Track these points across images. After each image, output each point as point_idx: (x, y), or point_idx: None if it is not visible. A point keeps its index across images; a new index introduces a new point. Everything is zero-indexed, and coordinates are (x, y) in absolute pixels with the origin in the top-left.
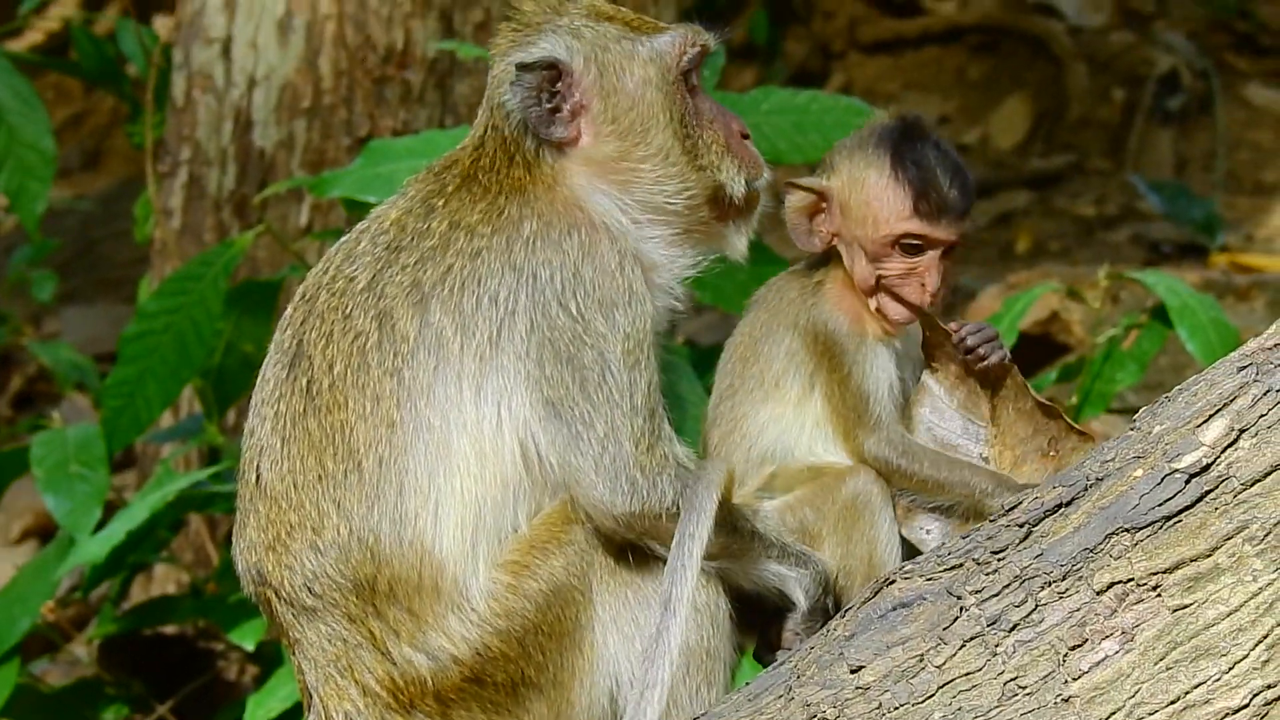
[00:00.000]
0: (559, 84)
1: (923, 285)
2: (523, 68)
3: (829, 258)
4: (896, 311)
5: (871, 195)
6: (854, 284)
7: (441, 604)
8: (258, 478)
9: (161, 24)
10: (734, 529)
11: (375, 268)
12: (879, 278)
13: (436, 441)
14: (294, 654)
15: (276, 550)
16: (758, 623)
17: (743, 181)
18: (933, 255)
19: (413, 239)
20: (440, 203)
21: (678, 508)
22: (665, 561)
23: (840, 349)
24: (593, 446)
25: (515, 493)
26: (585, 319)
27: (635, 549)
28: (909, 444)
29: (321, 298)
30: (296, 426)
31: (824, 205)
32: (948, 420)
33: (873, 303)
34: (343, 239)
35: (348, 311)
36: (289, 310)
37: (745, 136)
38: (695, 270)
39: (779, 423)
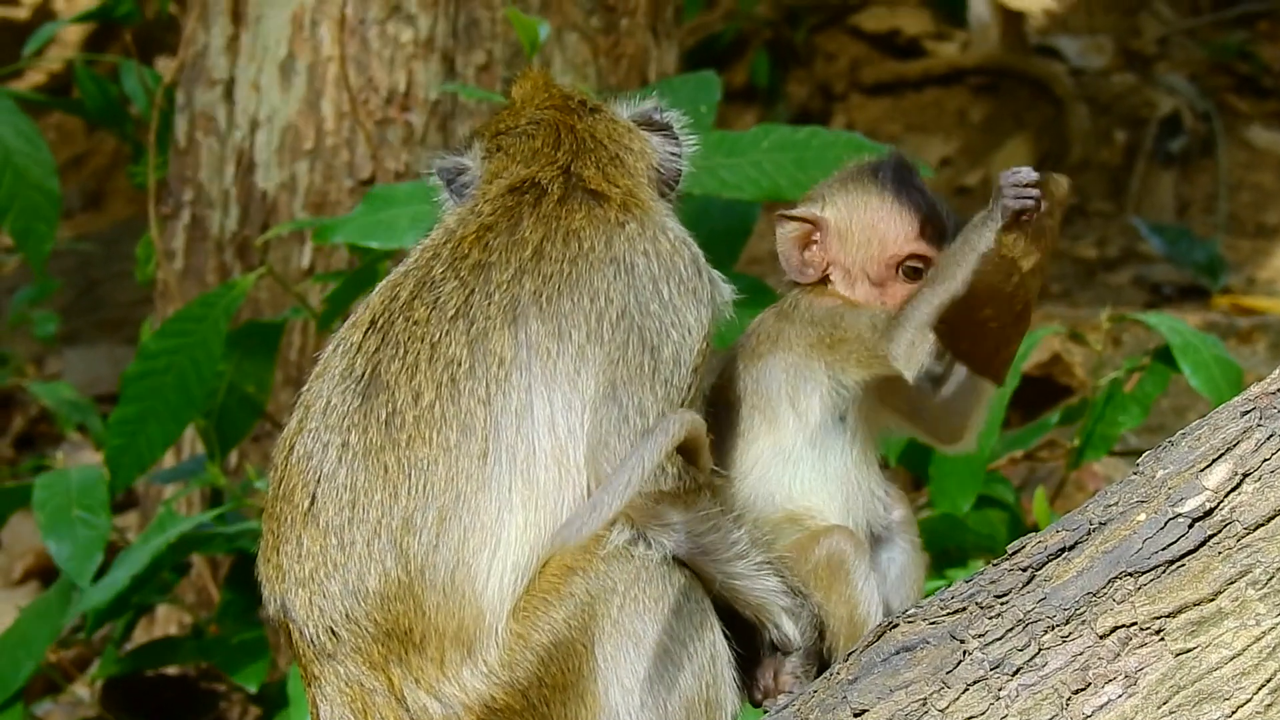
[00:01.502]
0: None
1: None
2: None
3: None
4: None
5: (877, 219)
6: (829, 296)
7: (462, 651)
8: (311, 503)
9: (164, 65)
10: (739, 522)
11: (463, 293)
12: (881, 305)
13: (519, 470)
14: (309, 686)
15: (309, 587)
16: (752, 667)
17: None
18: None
19: (501, 254)
20: (527, 212)
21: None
22: (674, 595)
23: (838, 314)
24: (635, 432)
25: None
26: (676, 306)
27: (637, 599)
28: (906, 315)
29: (398, 326)
30: (370, 459)
31: (816, 236)
32: None
33: None
34: (403, 266)
35: (435, 340)
36: (352, 335)
37: None
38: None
39: (759, 465)
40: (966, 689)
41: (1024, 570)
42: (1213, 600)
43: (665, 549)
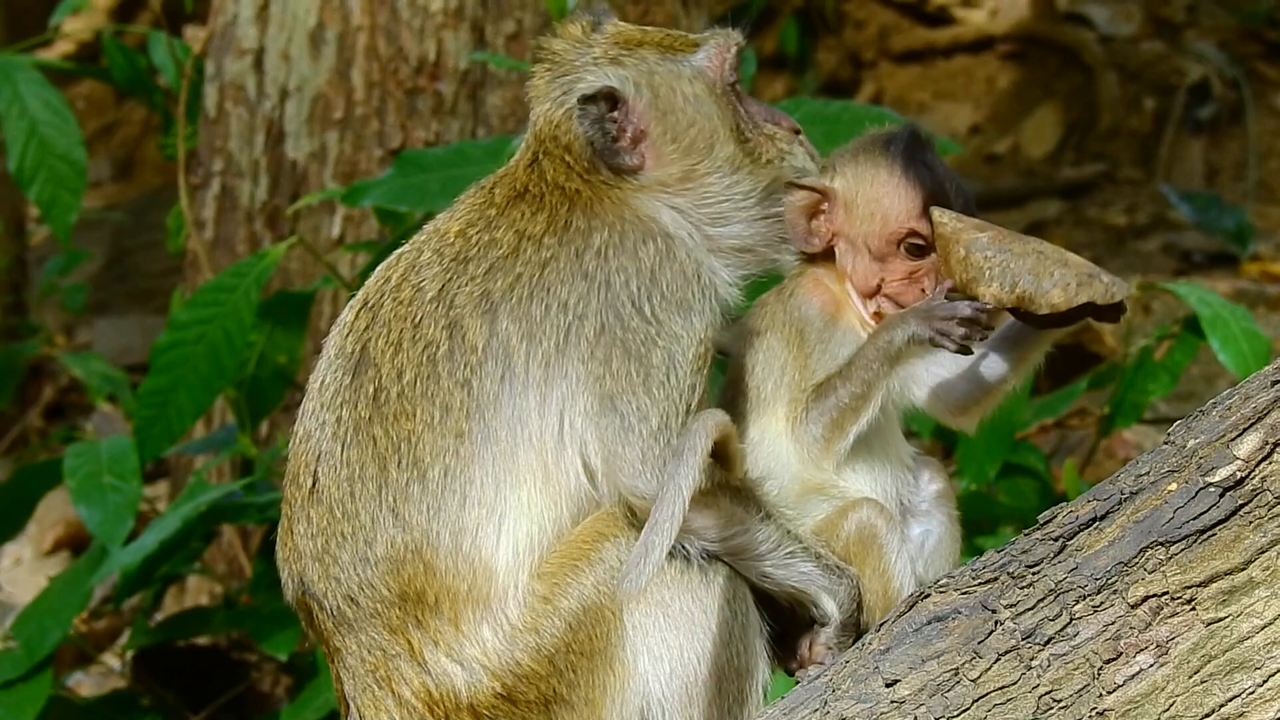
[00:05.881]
0: (616, 112)
1: (923, 290)
2: (586, 100)
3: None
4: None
5: (882, 192)
6: (836, 278)
7: (479, 613)
8: (314, 483)
9: (193, 35)
10: (766, 515)
11: (444, 278)
12: (881, 280)
13: (503, 453)
14: (332, 662)
15: (323, 561)
16: (790, 636)
17: (814, 165)
18: (934, 259)
19: (479, 249)
20: (494, 213)
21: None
22: (695, 568)
23: (809, 329)
24: (642, 438)
25: (576, 507)
26: (660, 320)
27: (665, 569)
28: (826, 378)
29: (387, 306)
30: (360, 432)
31: (824, 206)
32: None
33: (871, 305)
34: (401, 250)
35: (417, 320)
36: (347, 316)
37: (798, 131)
38: (750, 279)
39: (766, 437)
40: (998, 659)
41: (1055, 540)
42: (1244, 569)
43: (690, 554)
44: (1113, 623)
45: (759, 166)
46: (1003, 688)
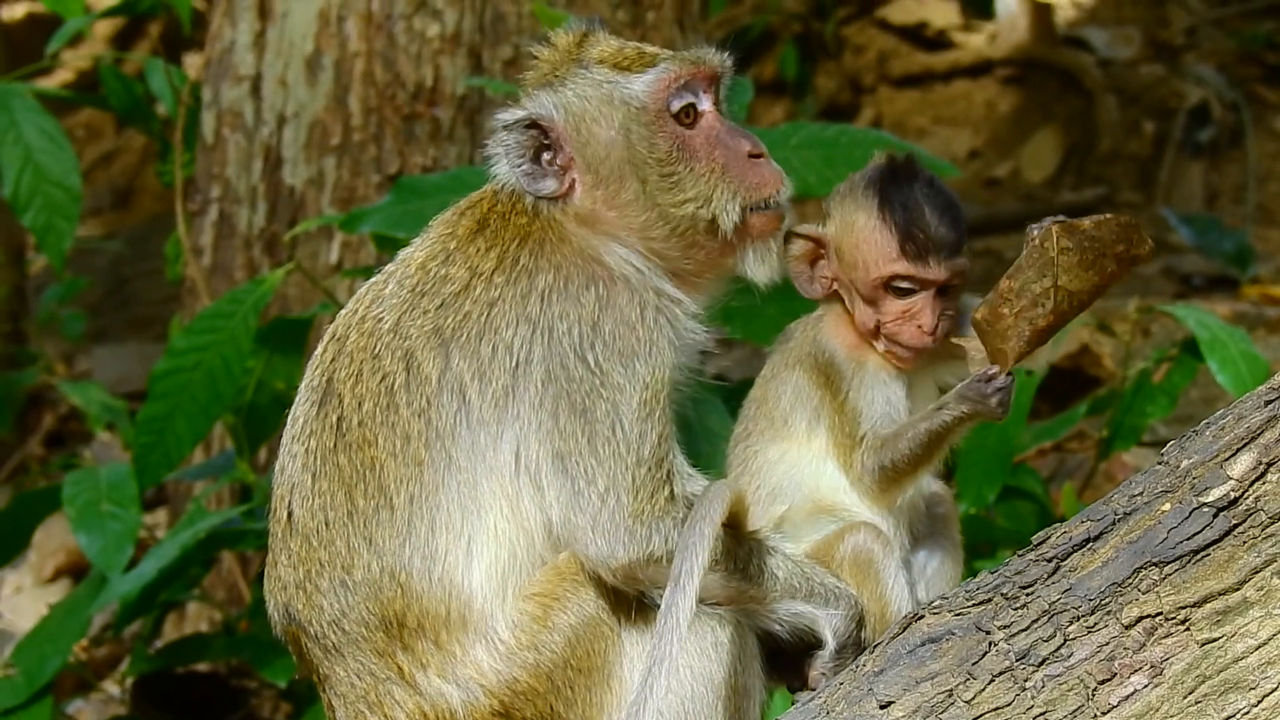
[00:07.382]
0: (548, 139)
1: (919, 327)
2: (506, 127)
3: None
4: (902, 353)
5: (860, 239)
6: (846, 327)
7: (469, 636)
8: (289, 515)
9: (190, 62)
10: (746, 574)
11: (400, 310)
12: (878, 322)
13: (466, 482)
14: (323, 690)
15: (306, 589)
16: (792, 656)
17: (736, 208)
18: (926, 295)
19: (434, 284)
20: (454, 245)
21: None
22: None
23: (838, 373)
24: (592, 503)
25: (548, 534)
26: (603, 370)
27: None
28: (885, 440)
29: (351, 338)
30: (327, 462)
31: (823, 252)
32: None
33: (879, 345)
34: (371, 280)
35: (376, 351)
36: (319, 350)
37: (756, 155)
38: (718, 301)
39: (785, 459)
40: (992, 680)
41: (1049, 561)
42: (1238, 590)
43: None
44: (1107, 643)
45: (675, 206)
46: (997, 709)
